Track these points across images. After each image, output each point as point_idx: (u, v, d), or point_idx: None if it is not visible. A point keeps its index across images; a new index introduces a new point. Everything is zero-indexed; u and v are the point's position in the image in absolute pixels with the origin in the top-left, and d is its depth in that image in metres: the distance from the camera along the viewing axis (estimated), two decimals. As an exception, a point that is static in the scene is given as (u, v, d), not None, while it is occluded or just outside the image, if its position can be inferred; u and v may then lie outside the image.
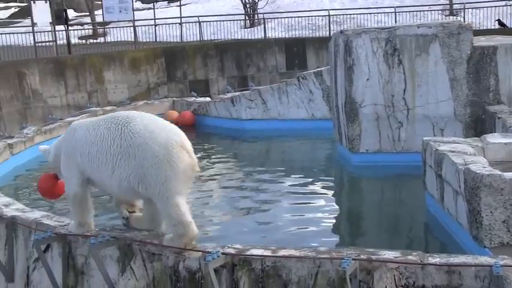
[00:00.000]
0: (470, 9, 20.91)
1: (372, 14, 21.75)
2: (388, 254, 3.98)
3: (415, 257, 3.93)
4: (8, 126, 14.60)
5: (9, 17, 36.75)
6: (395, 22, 20.20)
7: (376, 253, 4.01)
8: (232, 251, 4.24)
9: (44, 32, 19.47)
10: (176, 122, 12.24)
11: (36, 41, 18.74)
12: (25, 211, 5.59)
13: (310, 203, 7.45)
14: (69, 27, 20.90)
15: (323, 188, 8.14)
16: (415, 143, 7.91)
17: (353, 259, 3.87)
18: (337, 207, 7.51)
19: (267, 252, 4.18)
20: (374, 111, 8.38)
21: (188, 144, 4.42)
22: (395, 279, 3.84)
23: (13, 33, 19.61)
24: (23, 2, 42.11)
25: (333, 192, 8.18)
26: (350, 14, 22.31)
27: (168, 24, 21.92)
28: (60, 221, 5.17)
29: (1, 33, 18.92)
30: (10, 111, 15.51)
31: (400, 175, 8.15)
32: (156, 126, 4.44)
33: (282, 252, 4.16)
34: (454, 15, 22.31)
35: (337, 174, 9.28)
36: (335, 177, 9.18)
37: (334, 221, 6.97)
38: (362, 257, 3.95)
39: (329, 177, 9.05)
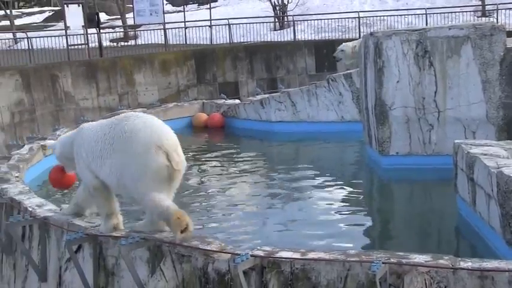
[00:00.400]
0: (503, 10, 20.55)
1: (402, 16, 21.56)
2: (419, 258, 3.93)
3: (447, 261, 3.87)
4: (41, 127, 14.84)
5: (43, 21, 37.40)
6: (426, 24, 19.97)
7: (406, 257, 3.97)
8: (261, 253, 4.24)
9: (76, 35, 19.78)
10: (205, 125, 12.40)
11: (69, 44, 19.04)
12: (57, 212, 5.68)
13: (339, 205, 7.41)
14: (101, 30, 21.17)
15: (352, 190, 8.09)
16: (446, 145, 7.81)
17: (383, 262, 3.84)
18: (366, 210, 7.46)
19: (296, 255, 4.17)
20: (404, 113, 8.31)
21: (169, 146, 4.54)
22: (426, 283, 3.79)
23: (47, 36, 19.93)
24: (57, 6, 42.85)
25: (362, 195, 8.13)
26: (380, 16, 22.16)
27: (198, 26, 22.06)
28: (91, 222, 5.24)
29: (36, 37, 19.26)
30: (43, 113, 15.77)
31: (431, 178, 8.06)
32: (144, 126, 4.64)
33: (311, 255, 4.15)
34: (487, 17, 21.95)
35: (367, 177, 9.22)
36: (364, 180, 9.11)
37: (363, 224, 6.92)
38: (392, 260, 3.91)
39: (358, 180, 8.99)
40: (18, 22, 34.69)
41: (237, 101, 13.09)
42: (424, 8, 21.47)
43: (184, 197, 8.03)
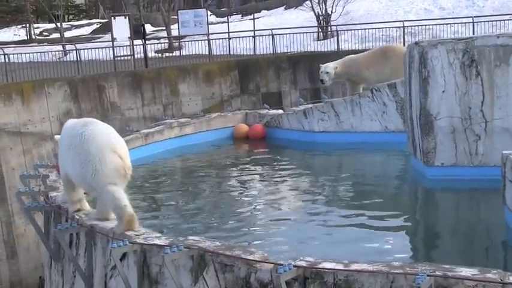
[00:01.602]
0: (553, 18, 20.07)
1: (449, 25, 21.23)
2: (466, 271, 3.85)
3: (495, 275, 3.78)
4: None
5: (91, 33, 38.36)
6: (473, 32, 19.63)
7: (452, 270, 3.89)
8: (304, 263, 4.23)
9: (122, 46, 20.19)
10: (246, 136, 12.44)
11: (116, 55, 19.44)
12: (103, 220, 5.78)
13: (383, 216, 7.32)
14: (147, 42, 21.56)
15: (396, 201, 7.99)
16: (493, 156, 7.64)
17: (428, 275, 3.78)
18: (411, 221, 7.35)
19: (339, 266, 4.14)
20: (450, 123, 8.17)
21: (121, 149, 5.65)
22: (472, 297, 3.71)
23: (94, 48, 20.42)
24: (105, 18, 43.87)
25: (407, 206, 8.01)
26: (425, 25, 21.88)
27: (242, 37, 22.23)
28: (136, 231, 5.32)
29: (84, 49, 19.76)
30: (90, 123, 16.12)
31: (478, 189, 7.89)
32: (100, 133, 5.69)
33: (354, 266, 4.11)
34: (536, 24, 21.42)
35: (411, 188, 9.09)
36: (409, 191, 8.99)
37: (408, 235, 6.82)
38: (437, 273, 3.84)
39: (403, 191, 8.87)
40: (67, 34, 35.69)
41: (280, 111, 13.10)
42: (471, 17, 21.08)
43: (226, 207, 8.08)
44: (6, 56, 17.25)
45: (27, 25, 36.59)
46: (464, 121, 8.10)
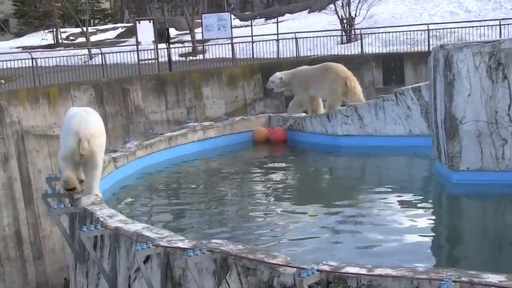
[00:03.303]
0: None
1: (475, 28, 20.97)
2: (492, 278, 3.79)
3: (522, 282, 3.72)
4: (112, 140, 15.33)
5: (116, 37, 38.74)
6: (500, 35, 19.37)
7: (478, 276, 3.83)
8: (327, 268, 4.21)
9: (147, 50, 20.36)
10: (266, 139, 12.44)
11: (140, 58, 19.61)
12: (127, 223, 5.83)
13: (407, 221, 7.26)
14: (171, 45, 21.70)
15: (421, 206, 7.91)
16: (520, 161, 7.52)
17: (453, 281, 3.73)
18: (436, 226, 7.27)
19: (363, 271, 4.11)
20: (476, 127, 8.07)
21: (83, 135, 6.72)
22: (499, 304, 3.65)
23: (119, 52, 20.63)
24: (129, 22, 44.27)
25: (431, 210, 7.93)
26: (451, 28, 21.66)
27: (265, 40, 22.25)
28: (159, 233, 5.35)
29: (109, 52, 19.97)
30: (115, 125, 16.30)
31: (504, 194, 7.77)
32: (75, 117, 6.94)
33: (378, 271, 4.08)
34: None
35: (436, 193, 8.99)
36: (434, 195, 8.89)
37: (432, 240, 6.74)
38: (463, 279, 3.78)
39: (427, 196, 8.78)
40: (93, 39, 36.11)
41: (303, 114, 13.07)
42: (498, 19, 20.80)
43: (249, 210, 8.08)
44: (34, 60, 17.50)
45: (54, 30, 37.09)
46: (491, 125, 7.99)
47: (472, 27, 21.01)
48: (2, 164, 14.65)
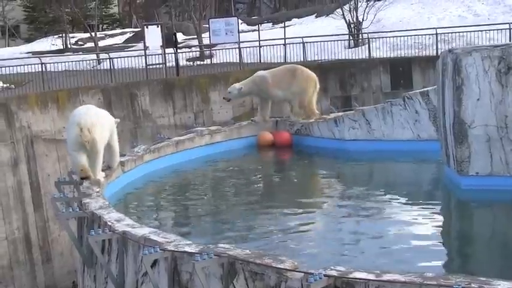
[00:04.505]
0: None
1: (484, 32, 20.87)
2: (503, 285, 3.75)
3: (533, 289, 3.68)
4: (120, 144, 15.37)
5: (124, 42, 38.88)
6: (510, 39, 19.29)
7: (488, 282, 3.79)
8: (335, 273, 4.18)
9: (154, 55, 20.41)
10: (270, 143, 12.43)
11: (148, 63, 19.66)
12: (135, 227, 5.83)
13: (415, 226, 7.22)
14: (178, 50, 21.75)
15: (429, 211, 7.87)
16: (530, 166, 7.47)
17: (463, 287, 3.70)
18: (444, 231, 7.23)
19: (371, 276, 4.09)
20: (485, 132, 8.02)
21: (83, 125, 7.52)
22: (509, 311, 3.62)
23: (127, 56, 20.69)
24: (138, 27, 44.43)
25: (440, 216, 7.88)
26: (459, 32, 21.57)
27: (273, 45, 22.27)
28: (167, 238, 5.34)
29: (117, 57, 20.03)
30: (123, 130, 16.29)
31: (514, 200, 7.72)
32: (78, 112, 7.89)
33: (386, 277, 4.05)
34: None
35: (445, 198, 8.94)
36: (442, 201, 8.84)
37: (441, 246, 6.70)
38: (473, 285, 3.75)
39: (436, 201, 8.73)
40: (101, 43, 36.23)
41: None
42: (507, 23, 20.69)
43: (256, 214, 8.07)
44: (43, 65, 17.59)
45: (64, 35, 37.28)
46: (500, 130, 7.94)
47: (481, 31, 20.90)
48: (12, 168, 14.72)
